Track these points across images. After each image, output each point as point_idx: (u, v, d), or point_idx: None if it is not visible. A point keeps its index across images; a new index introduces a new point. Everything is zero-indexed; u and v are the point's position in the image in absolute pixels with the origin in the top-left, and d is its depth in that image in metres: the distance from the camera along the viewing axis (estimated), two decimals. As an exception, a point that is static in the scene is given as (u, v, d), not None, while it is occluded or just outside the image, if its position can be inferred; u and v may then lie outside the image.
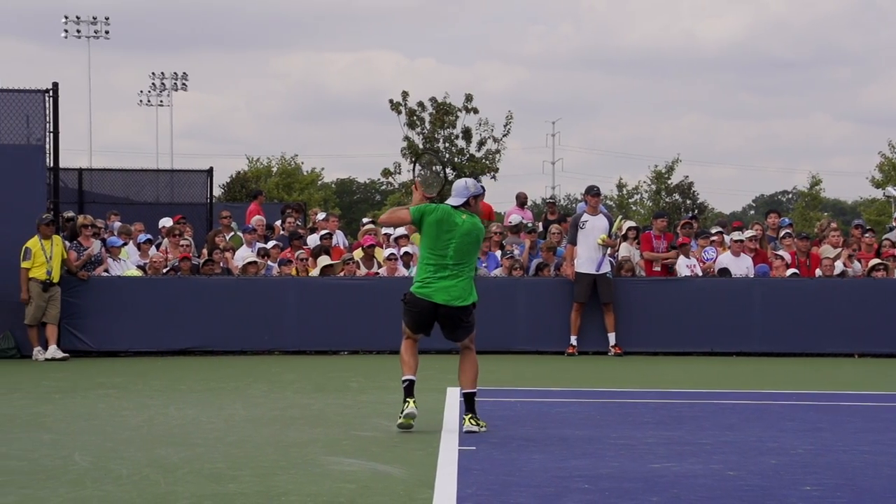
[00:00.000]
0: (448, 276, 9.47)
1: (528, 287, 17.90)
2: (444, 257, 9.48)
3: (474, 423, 9.42)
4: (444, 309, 9.49)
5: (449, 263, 9.48)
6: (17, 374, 14.77)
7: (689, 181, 55.97)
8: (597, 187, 17.90)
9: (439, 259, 9.48)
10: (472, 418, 9.46)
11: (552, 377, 14.75)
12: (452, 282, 9.48)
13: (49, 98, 16.97)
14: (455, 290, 9.48)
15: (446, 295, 9.46)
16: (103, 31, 64.68)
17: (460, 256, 9.51)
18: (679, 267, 18.27)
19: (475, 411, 9.53)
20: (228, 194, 53.91)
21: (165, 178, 26.70)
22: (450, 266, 9.48)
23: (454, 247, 9.48)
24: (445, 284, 9.47)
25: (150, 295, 17.31)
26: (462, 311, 9.53)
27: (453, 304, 9.48)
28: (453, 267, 9.49)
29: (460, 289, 9.50)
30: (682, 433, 9.47)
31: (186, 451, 8.43)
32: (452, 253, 9.48)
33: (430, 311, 9.53)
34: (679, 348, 17.56)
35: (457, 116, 26.22)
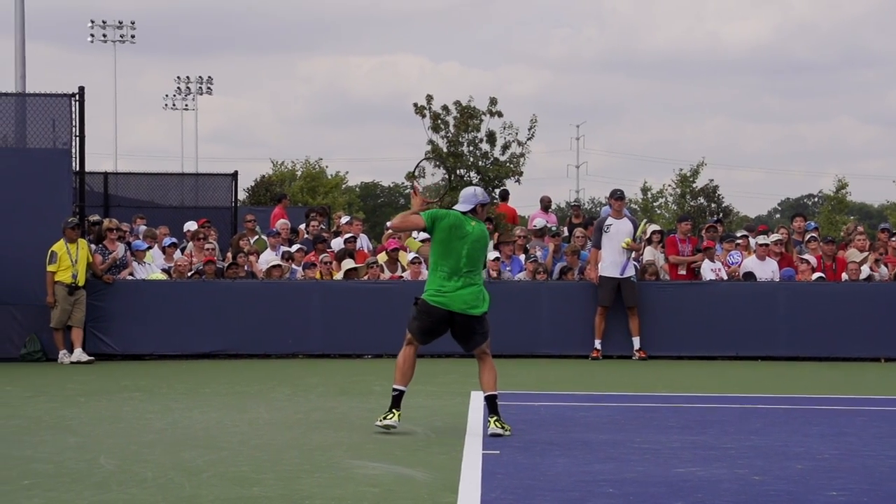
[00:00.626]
0: (463, 284, 9.50)
1: (552, 291, 17.87)
2: (458, 264, 9.48)
3: (499, 426, 9.41)
4: (460, 317, 9.51)
5: (463, 270, 9.50)
6: (43, 378, 14.84)
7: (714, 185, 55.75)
8: (621, 191, 17.86)
9: (454, 265, 9.49)
10: (496, 421, 9.45)
11: (576, 381, 14.72)
12: (468, 289, 9.51)
13: (75, 102, 17.05)
14: (471, 297, 9.52)
15: (463, 303, 9.49)
16: (129, 36, 64.92)
17: (472, 263, 9.54)
18: (704, 271, 18.22)
19: (499, 413, 9.52)
20: (253, 198, 54.06)
21: (190, 181, 26.78)
22: (464, 273, 9.50)
23: (466, 253, 9.50)
24: (462, 292, 9.49)
25: (175, 298, 17.36)
26: (477, 321, 9.57)
27: (470, 312, 9.52)
28: (467, 274, 9.52)
29: (475, 296, 9.54)
30: (706, 437, 9.44)
31: (211, 454, 8.45)
32: (466, 259, 9.49)
33: (445, 319, 9.55)
34: (704, 352, 17.50)
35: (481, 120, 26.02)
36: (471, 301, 9.51)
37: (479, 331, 9.64)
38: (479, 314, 9.57)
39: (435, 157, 9.74)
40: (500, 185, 26.13)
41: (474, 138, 26.07)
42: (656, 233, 18.89)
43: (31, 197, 16.85)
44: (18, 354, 16.79)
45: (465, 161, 26.07)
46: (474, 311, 9.53)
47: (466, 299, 9.49)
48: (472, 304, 9.52)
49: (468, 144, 26.11)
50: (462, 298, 9.48)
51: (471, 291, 9.52)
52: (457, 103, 26.10)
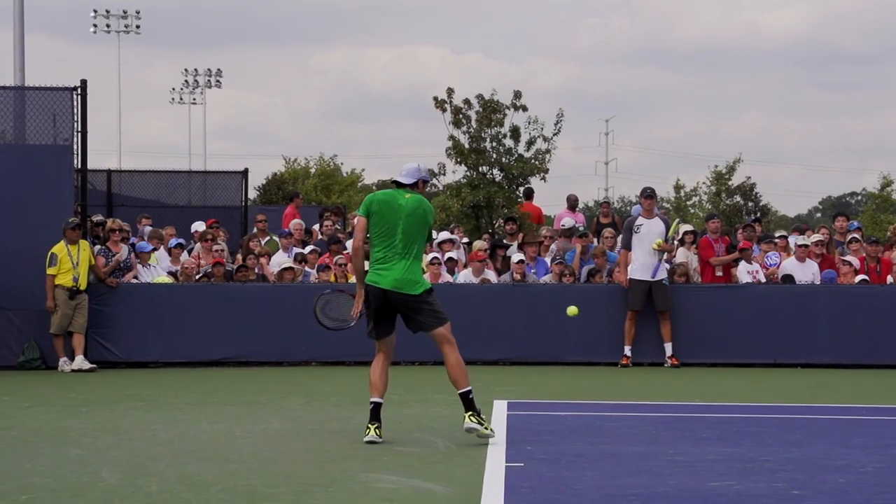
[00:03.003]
0: (396, 261, 9.60)
1: (579, 294, 17.81)
2: (393, 240, 9.62)
3: (475, 420, 9.52)
4: (393, 295, 9.59)
5: (398, 245, 9.62)
6: (43, 386, 14.89)
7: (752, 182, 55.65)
8: (652, 189, 17.83)
9: (387, 242, 9.63)
10: (471, 415, 9.55)
11: (605, 390, 14.71)
12: (400, 265, 9.60)
13: (77, 96, 17.11)
14: (403, 274, 9.60)
15: (394, 280, 9.59)
16: (134, 26, 65.27)
17: (409, 238, 9.64)
18: (740, 273, 18.17)
19: (476, 410, 9.60)
20: (264, 197, 54.20)
21: (198, 179, 26.87)
22: (399, 249, 9.62)
23: (401, 229, 9.63)
24: (395, 269, 9.59)
25: (182, 303, 17.40)
26: (415, 300, 9.64)
27: (403, 291, 9.59)
28: (403, 251, 9.62)
29: (411, 273, 9.63)
30: (743, 449, 9.41)
31: (219, 467, 8.46)
32: (401, 236, 9.62)
33: (379, 297, 9.65)
34: (740, 359, 17.46)
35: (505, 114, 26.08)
36: (403, 278, 9.60)
37: (424, 310, 9.69)
38: (415, 293, 9.61)
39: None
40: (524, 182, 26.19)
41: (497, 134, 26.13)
42: (689, 233, 18.85)
43: (31, 196, 16.90)
44: (16, 362, 16.84)
45: (488, 158, 26.13)
46: (410, 291, 9.61)
47: (398, 276, 9.59)
48: (407, 280, 9.61)
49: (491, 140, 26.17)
50: (393, 276, 9.59)
51: (403, 267, 9.61)
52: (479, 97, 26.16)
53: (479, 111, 26.09)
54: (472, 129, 26.09)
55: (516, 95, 26.30)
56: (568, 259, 18.73)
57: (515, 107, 26.23)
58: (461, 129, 26.13)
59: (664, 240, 17.29)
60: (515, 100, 26.27)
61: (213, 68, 73.63)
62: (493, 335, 17.46)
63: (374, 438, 9.55)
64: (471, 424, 9.50)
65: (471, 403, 9.60)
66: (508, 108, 26.21)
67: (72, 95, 17.11)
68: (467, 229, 24.23)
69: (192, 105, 73.88)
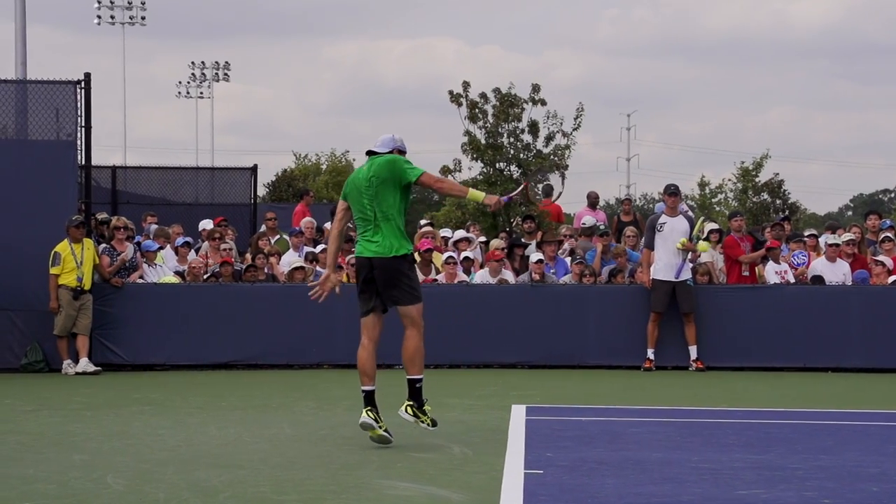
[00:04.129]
0: (373, 229, 9.77)
1: (600, 295, 17.83)
2: (365, 210, 9.80)
3: (411, 411, 9.71)
4: (377, 262, 9.73)
5: (370, 215, 9.78)
6: (46, 390, 14.93)
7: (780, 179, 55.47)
8: (676, 186, 17.81)
9: (362, 214, 9.81)
10: (410, 406, 9.74)
11: (627, 394, 14.69)
12: (379, 232, 9.75)
13: (80, 90, 17.16)
14: (383, 240, 9.74)
15: (376, 247, 9.75)
16: (139, 17, 65.29)
17: (378, 202, 9.76)
18: (768, 273, 18.14)
19: (418, 400, 9.77)
20: (274, 194, 54.27)
21: (206, 176, 26.94)
22: (371, 217, 9.77)
23: (368, 196, 9.78)
24: (375, 237, 9.76)
25: (189, 304, 17.43)
26: (396, 263, 9.72)
27: (385, 255, 9.71)
28: (377, 218, 9.75)
29: (389, 238, 9.75)
30: (771, 457, 9.39)
31: (228, 473, 8.47)
32: (367, 202, 9.78)
33: (365, 266, 9.81)
34: (768, 363, 17.42)
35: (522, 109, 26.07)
36: (384, 244, 9.74)
37: (402, 282, 9.78)
38: (395, 255, 9.72)
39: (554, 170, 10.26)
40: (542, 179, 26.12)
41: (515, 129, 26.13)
42: (714, 232, 18.83)
43: (33, 193, 16.95)
44: (19, 364, 16.90)
45: (505, 154, 26.14)
46: (390, 253, 9.73)
47: (380, 243, 9.75)
48: (388, 245, 9.74)
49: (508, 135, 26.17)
50: (375, 243, 9.76)
51: (383, 232, 9.76)
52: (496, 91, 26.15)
53: (495, 105, 26.09)
54: (489, 124, 26.10)
55: (534, 89, 26.31)
56: (588, 259, 18.73)
57: (534, 101, 26.24)
58: (477, 124, 26.14)
59: (689, 239, 17.27)
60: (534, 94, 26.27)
61: (220, 61, 73.70)
62: (510, 337, 17.46)
63: (367, 419, 9.64)
64: (404, 416, 9.75)
65: (416, 392, 9.79)
66: (526, 102, 26.21)
67: (75, 89, 17.16)
68: (484, 228, 24.22)
69: (199, 99, 74.01)
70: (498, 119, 26.10)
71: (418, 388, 9.82)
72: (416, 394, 9.82)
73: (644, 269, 17.54)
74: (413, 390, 9.82)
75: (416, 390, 9.81)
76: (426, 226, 21.07)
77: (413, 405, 9.78)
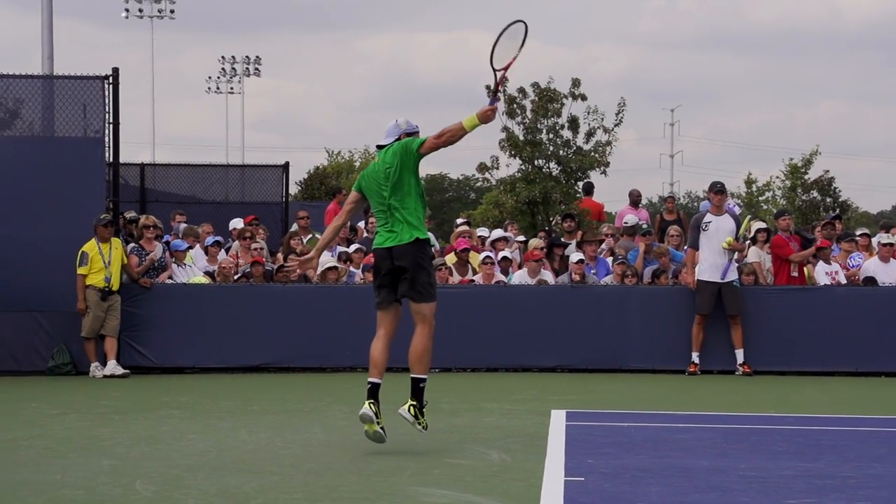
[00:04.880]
0: (392, 220, 9.85)
1: (643, 296, 17.79)
2: (385, 201, 9.87)
3: (413, 412, 9.70)
4: (397, 250, 9.78)
5: (390, 202, 9.84)
6: (73, 393, 15.01)
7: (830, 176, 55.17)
8: (721, 183, 17.74)
9: (382, 206, 9.89)
10: (413, 406, 9.71)
11: (671, 399, 14.65)
12: (399, 222, 9.82)
13: (108, 85, 17.24)
14: (403, 229, 9.82)
15: (396, 236, 9.82)
16: (168, 11, 65.64)
17: (396, 189, 9.83)
18: (818, 274, 18.05)
19: (420, 401, 9.74)
20: (306, 192, 54.40)
21: (236, 174, 27.03)
22: (391, 205, 9.84)
23: (388, 188, 9.85)
24: (394, 229, 9.84)
25: (219, 305, 17.50)
26: (415, 249, 9.77)
27: (404, 242, 9.77)
28: (396, 204, 9.82)
29: (408, 227, 9.82)
30: (822, 465, 9.34)
31: (259, 479, 8.49)
32: (388, 194, 9.85)
33: (386, 258, 9.86)
34: (818, 367, 17.34)
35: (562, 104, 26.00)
36: (402, 231, 9.82)
37: (419, 276, 9.78)
38: (412, 240, 9.77)
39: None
40: (583, 177, 26.10)
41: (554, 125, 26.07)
42: (762, 231, 18.74)
43: (60, 191, 17.04)
44: (45, 367, 17.01)
45: (544, 150, 26.08)
46: (408, 238, 9.78)
47: (398, 230, 9.82)
48: (406, 234, 9.80)
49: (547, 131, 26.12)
50: (394, 232, 9.84)
51: (402, 221, 9.82)
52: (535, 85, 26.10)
53: (534, 101, 26.04)
54: (528, 120, 26.05)
55: (575, 83, 26.23)
56: (631, 259, 18.68)
57: (574, 96, 26.16)
58: (515, 119, 26.10)
59: (735, 238, 17.20)
60: (574, 88, 26.19)
61: (251, 55, 74.06)
62: (550, 340, 17.44)
63: (367, 411, 9.66)
64: (405, 415, 9.73)
65: (418, 392, 9.77)
66: (566, 97, 26.14)
67: (103, 85, 17.24)
68: (522, 227, 24.20)
69: (229, 94, 74.29)
70: (537, 115, 26.05)
71: (421, 389, 9.80)
72: (419, 394, 9.80)
73: (688, 270, 17.48)
74: (416, 390, 9.80)
75: (419, 390, 9.79)
76: (463, 225, 21.07)
77: (416, 405, 9.76)
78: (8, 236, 16.83)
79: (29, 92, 17.53)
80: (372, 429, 9.70)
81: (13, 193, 16.97)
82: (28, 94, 17.54)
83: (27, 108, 17.66)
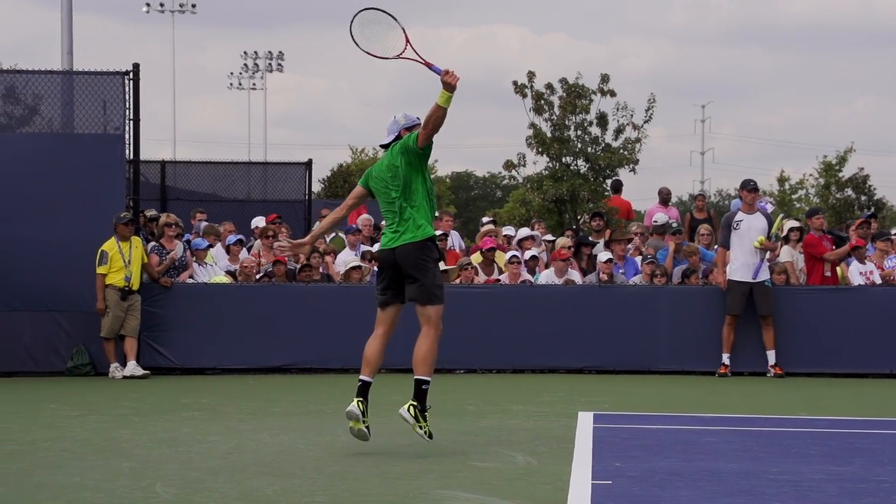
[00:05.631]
0: (399, 220, 9.82)
1: (672, 297, 17.77)
2: (393, 202, 9.83)
3: (413, 412, 9.68)
4: (400, 252, 9.78)
5: (399, 202, 9.80)
6: (92, 394, 15.07)
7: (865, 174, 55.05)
8: (754, 181, 17.70)
9: (390, 206, 9.87)
10: (413, 406, 9.70)
11: (701, 401, 14.63)
12: (405, 222, 9.79)
13: (129, 81, 17.31)
14: (408, 228, 9.79)
15: (399, 237, 9.81)
16: (189, 5, 65.90)
17: (404, 187, 9.79)
18: (852, 274, 17.99)
19: (423, 404, 9.74)
20: (329, 190, 54.53)
21: (258, 171, 27.08)
22: (400, 209, 9.81)
23: (395, 188, 9.79)
24: (398, 229, 9.82)
25: (241, 305, 17.54)
26: (419, 249, 9.76)
27: (409, 241, 9.75)
28: (404, 204, 9.79)
29: (414, 227, 9.79)
30: (855, 468, 9.32)
31: (281, 482, 8.51)
32: (396, 194, 9.80)
33: (390, 261, 9.89)
34: (851, 369, 17.29)
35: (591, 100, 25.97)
36: (407, 231, 9.81)
37: (425, 279, 9.80)
38: (416, 240, 9.76)
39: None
40: (612, 174, 26.08)
41: (583, 121, 26.06)
42: (795, 230, 18.70)
43: (79, 188, 17.11)
44: (65, 368, 17.08)
45: (572, 147, 26.08)
46: (411, 239, 9.78)
47: (402, 230, 9.81)
48: (410, 233, 9.80)
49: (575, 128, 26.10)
50: (398, 232, 9.83)
51: (409, 220, 9.80)
52: (563, 81, 26.09)
53: (562, 97, 26.03)
54: (555, 117, 26.04)
55: (603, 79, 26.22)
56: (660, 258, 18.65)
57: (602, 92, 26.14)
58: (543, 116, 26.09)
59: (767, 237, 17.16)
60: (602, 84, 26.18)
61: (273, 51, 74.15)
62: (577, 341, 17.44)
63: (354, 409, 9.82)
64: (405, 415, 9.71)
65: (421, 395, 9.76)
66: (595, 93, 26.12)
67: (123, 80, 17.31)
68: (549, 225, 24.18)
69: (251, 91, 74.54)
70: (565, 111, 26.03)
71: (424, 391, 9.78)
72: (421, 396, 9.79)
73: (719, 270, 17.44)
74: (419, 392, 9.79)
75: (421, 392, 9.78)
76: (488, 223, 21.06)
77: (416, 406, 9.74)
78: (26, 235, 16.91)
79: (48, 88, 17.61)
80: (357, 426, 9.79)
81: (32, 191, 17.04)
82: (47, 90, 17.62)
83: (46, 104, 17.74)
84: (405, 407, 9.78)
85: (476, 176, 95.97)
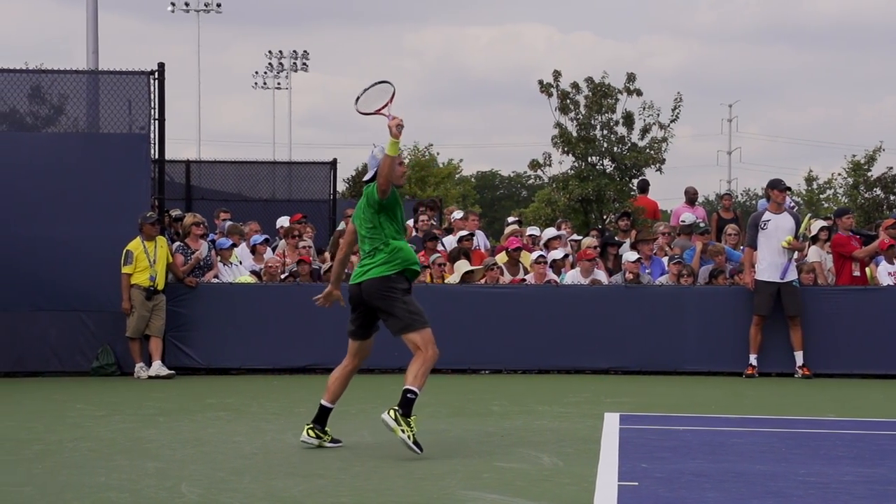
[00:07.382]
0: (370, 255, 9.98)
1: (699, 297, 17.73)
2: (363, 237, 10.07)
3: (393, 415, 9.64)
4: (365, 286, 9.93)
5: (367, 240, 9.98)
6: (117, 394, 15.12)
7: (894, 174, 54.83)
8: (781, 181, 17.65)
9: (361, 240, 10.11)
10: (394, 410, 9.67)
11: (728, 402, 14.60)
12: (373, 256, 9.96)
13: (154, 81, 17.34)
14: (375, 264, 9.94)
15: (365, 273, 9.97)
16: (214, 5, 66.03)
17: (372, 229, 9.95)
18: (880, 274, 17.93)
19: (407, 411, 9.68)
20: (354, 189, 54.52)
21: (283, 171, 27.12)
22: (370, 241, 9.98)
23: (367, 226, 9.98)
24: (366, 262, 9.99)
25: (266, 304, 17.56)
26: (382, 285, 9.88)
27: (373, 277, 9.90)
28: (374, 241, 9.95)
29: (380, 263, 9.93)
30: (884, 470, 9.29)
31: (307, 482, 8.54)
32: (366, 232, 10.00)
33: (357, 298, 10.08)
34: (880, 370, 17.22)
35: (617, 99, 25.88)
36: (369, 264, 9.97)
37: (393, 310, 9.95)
38: (373, 277, 9.89)
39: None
40: (638, 174, 26.00)
41: (609, 120, 25.97)
42: (823, 230, 18.64)
43: (104, 188, 17.16)
44: (90, 368, 17.12)
45: (598, 147, 26.00)
46: (369, 276, 9.92)
47: (365, 263, 9.99)
48: (376, 269, 9.94)
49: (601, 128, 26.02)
50: (364, 266, 10.00)
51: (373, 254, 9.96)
52: (589, 80, 26.02)
53: (588, 96, 25.95)
54: (581, 116, 25.97)
55: (630, 78, 26.13)
56: (687, 258, 18.62)
57: (629, 91, 26.06)
58: (569, 115, 26.02)
59: (794, 237, 17.11)
60: (629, 83, 26.09)
61: (298, 50, 74.30)
62: (603, 342, 17.42)
63: (307, 439, 10.10)
64: (385, 418, 9.69)
65: (406, 403, 9.71)
66: (621, 92, 26.04)
67: (148, 80, 17.35)
68: (575, 225, 24.14)
69: (276, 90, 74.61)
70: (590, 110, 25.96)
71: (410, 399, 9.72)
72: (407, 404, 9.73)
73: (747, 270, 17.40)
74: (405, 400, 9.73)
75: (407, 401, 9.72)
76: (514, 223, 21.06)
77: (398, 410, 9.68)
78: (52, 235, 16.97)
79: (73, 87, 17.67)
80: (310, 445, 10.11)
81: (58, 190, 17.10)
82: (73, 90, 17.68)
83: (72, 104, 17.80)
84: (386, 411, 9.74)
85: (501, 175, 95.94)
